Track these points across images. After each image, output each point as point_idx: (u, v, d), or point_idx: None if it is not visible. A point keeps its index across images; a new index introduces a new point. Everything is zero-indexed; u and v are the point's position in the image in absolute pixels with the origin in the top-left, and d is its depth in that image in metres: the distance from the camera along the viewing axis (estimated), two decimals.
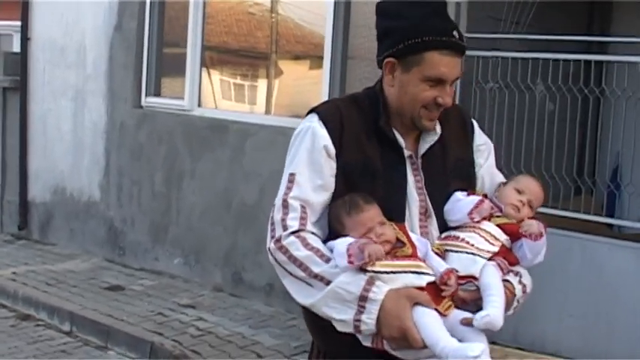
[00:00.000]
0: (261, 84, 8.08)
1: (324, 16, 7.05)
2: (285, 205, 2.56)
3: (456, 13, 6.18)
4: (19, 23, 9.77)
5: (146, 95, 8.53)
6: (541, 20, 6.70)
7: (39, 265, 8.45)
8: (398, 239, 2.51)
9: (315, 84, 7.45)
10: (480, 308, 2.47)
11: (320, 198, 2.59)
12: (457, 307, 2.50)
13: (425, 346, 2.35)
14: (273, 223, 2.57)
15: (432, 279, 2.46)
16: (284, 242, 2.51)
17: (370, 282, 2.39)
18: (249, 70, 8.31)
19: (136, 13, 8.48)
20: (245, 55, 8.26)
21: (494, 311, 2.43)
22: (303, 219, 2.54)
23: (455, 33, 2.57)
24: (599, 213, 6.64)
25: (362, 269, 2.41)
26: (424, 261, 2.51)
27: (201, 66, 8.18)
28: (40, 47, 9.59)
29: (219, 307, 7.19)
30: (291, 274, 2.51)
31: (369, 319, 2.38)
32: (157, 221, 8.33)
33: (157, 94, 8.57)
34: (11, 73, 9.81)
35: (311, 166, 2.59)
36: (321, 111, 2.70)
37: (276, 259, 2.53)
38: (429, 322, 2.38)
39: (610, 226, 6.57)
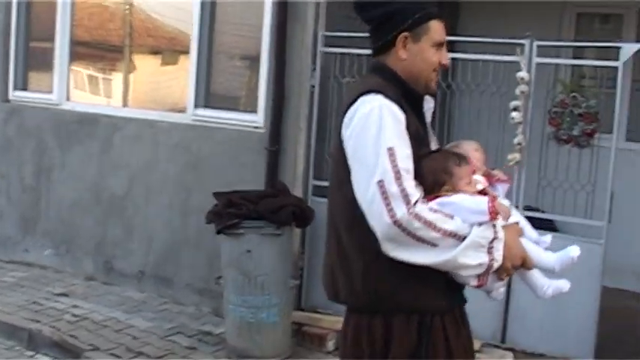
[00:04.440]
0: (118, 77, 8.25)
1: (190, 12, 7.32)
2: (398, 176, 2.69)
3: (316, 13, 6.63)
4: None
5: (14, 89, 8.63)
6: None
7: None
8: None
9: (174, 79, 7.76)
10: None
11: (412, 165, 2.77)
12: None
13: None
14: (388, 197, 2.67)
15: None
16: (416, 210, 2.67)
17: (494, 225, 2.77)
18: (110, 64, 8.44)
19: (2, 8, 8.58)
20: (106, 48, 8.42)
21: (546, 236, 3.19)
22: (417, 186, 2.77)
23: None
24: None
25: None
26: None
27: (70, 60, 8.36)
28: None
29: (92, 294, 7.42)
30: (419, 239, 2.69)
31: (498, 256, 2.77)
32: (26, 214, 8.46)
33: (25, 88, 8.68)
34: None
35: (400, 138, 2.77)
36: (382, 90, 2.84)
37: (406, 229, 2.67)
38: (532, 247, 3.01)
39: None
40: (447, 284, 2.85)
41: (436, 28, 2.99)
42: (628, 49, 5.64)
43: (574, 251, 3.00)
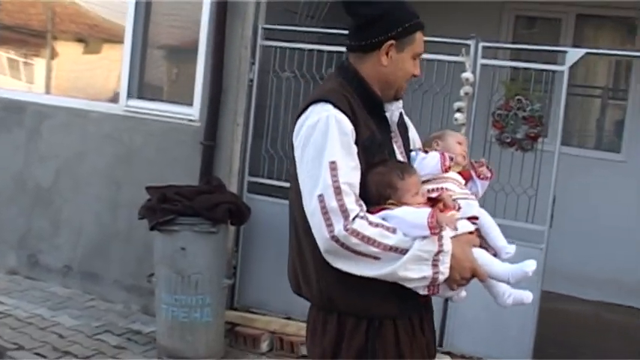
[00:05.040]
0: (40, 63, 7.98)
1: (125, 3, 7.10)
2: (338, 191, 2.65)
3: (256, 6, 6.46)
4: None
5: None
6: (335, 17, 7.03)
7: None
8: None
9: (101, 67, 7.52)
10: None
11: (357, 179, 2.73)
12: None
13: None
14: (327, 212, 2.65)
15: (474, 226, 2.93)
16: (354, 226, 2.64)
17: (440, 237, 2.68)
18: (32, 49, 8.13)
19: None
20: (28, 32, 8.12)
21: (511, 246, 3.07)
22: (358, 201, 2.69)
23: None
24: None
25: None
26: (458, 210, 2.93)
27: None
28: None
29: (15, 290, 7.15)
30: (360, 253, 2.66)
31: (444, 269, 2.70)
32: None
33: None
34: None
35: (345, 151, 2.71)
36: (332, 99, 2.78)
37: (344, 244, 2.65)
38: (486, 258, 2.88)
39: None
40: (397, 291, 2.78)
41: (420, 41, 2.94)
42: (574, 54, 5.63)
43: (530, 266, 2.88)
